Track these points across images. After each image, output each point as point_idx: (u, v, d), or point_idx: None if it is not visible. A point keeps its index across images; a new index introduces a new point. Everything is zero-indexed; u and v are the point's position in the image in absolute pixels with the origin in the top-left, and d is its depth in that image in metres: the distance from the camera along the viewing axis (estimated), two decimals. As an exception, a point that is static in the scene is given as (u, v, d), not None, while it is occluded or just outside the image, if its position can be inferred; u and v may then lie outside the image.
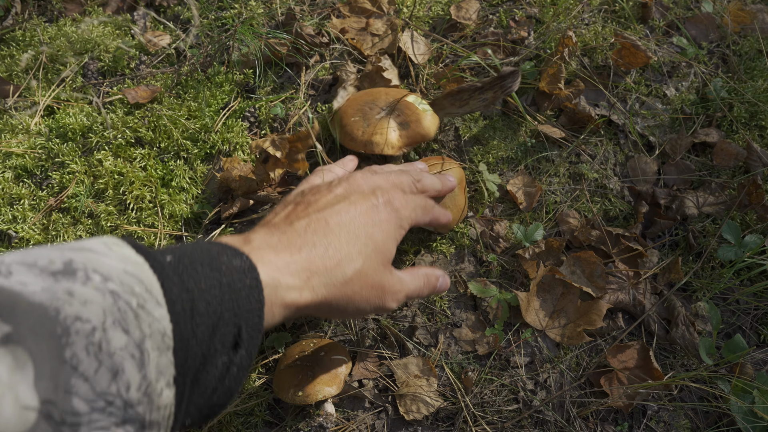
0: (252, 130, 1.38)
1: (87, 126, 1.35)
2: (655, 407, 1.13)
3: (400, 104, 1.28)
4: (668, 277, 1.24)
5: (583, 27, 1.52)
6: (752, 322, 1.21)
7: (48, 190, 1.30)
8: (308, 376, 1.07)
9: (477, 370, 1.16)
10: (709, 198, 1.31)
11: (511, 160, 1.36)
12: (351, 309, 0.84)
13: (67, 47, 1.48)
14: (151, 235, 1.25)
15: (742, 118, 1.40)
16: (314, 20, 1.52)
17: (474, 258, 1.27)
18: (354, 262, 0.82)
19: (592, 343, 1.19)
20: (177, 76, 1.43)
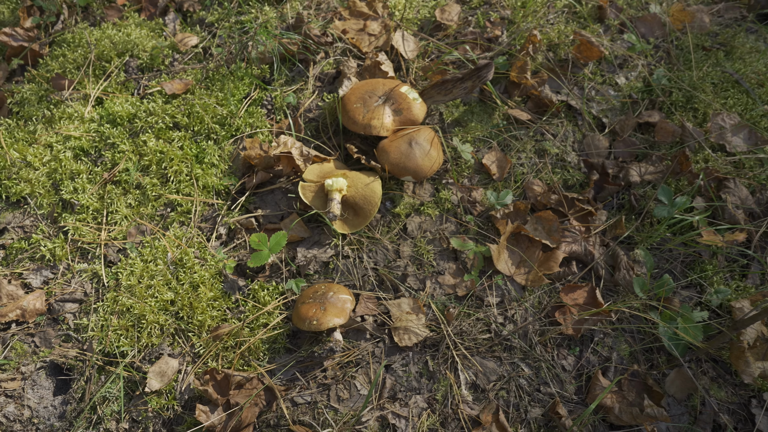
0: (269, 116, 1.65)
1: (132, 113, 1.62)
2: (600, 333, 1.41)
3: (394, 93, 1.55)
4: (614, 232, 1.51)
5: (548, 26, 1.79)
6: (681, 266, 1.49)
7: (102, 166, 1.57)
8: (321, 309, 1.34)
9: (457, 307, 1.43)
10: (649, 168, 1.58)
11: (486, 138, 1.63)
12: None
13: (110, 47, 1.75)
14: (188, 202, 1.52)
15: (679, 102, 1.67)
16: (320, 23, 1.79)
17: (455, 219, 1.54)
18: None
19: (551, 286, 1.46)
20: (205, 71, 1.70)
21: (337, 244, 1.49)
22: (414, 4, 1.85)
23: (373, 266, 1.49)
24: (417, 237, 1.51)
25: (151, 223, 1.51)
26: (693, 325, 1.35)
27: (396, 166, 1.49)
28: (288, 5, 1.83)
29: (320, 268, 1.49)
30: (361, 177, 1.46)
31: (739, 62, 1.75)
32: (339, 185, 1.39)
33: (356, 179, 1.45)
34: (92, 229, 1.50)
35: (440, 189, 1.57)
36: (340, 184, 1.39)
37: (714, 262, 1.47)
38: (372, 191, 1.44)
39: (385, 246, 1.51)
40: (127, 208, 1.53)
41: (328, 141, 1.61)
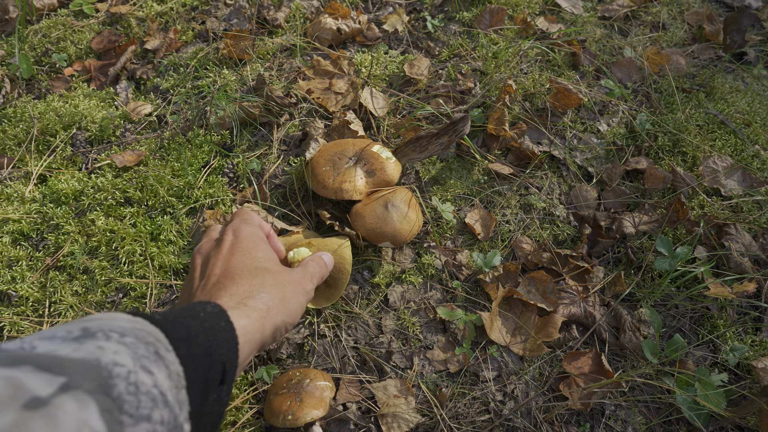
0: (231, 184, 1.52)
1: (79, 190, 1.47)
2: (611, 406, 1.26)
3: (365, 153, 1.43)
4: (614, 290, 1.39)
5: (522, 76, 1.71)
6: (690, 323, 1.36)
7: (44, 250, 1.41)
8: (296, 401, 1.18)
9: (450, 386, 1.27)
10: (643, 217, 1.48)
11: (467, 196, 1.52)
12: (290, 309, 0.92)
13: (56, 120, 1.61)
14: (143, 285, 1.36)
15: (666, 147, 1.59)
16: (282, 84, 1.69)
17: (440, 285, 1.40)
18: (261, 279, 0.91)
19: (552, 354, 1.32)
20: (160, 140, 1.57)
21: (312, 322, 1.34)
22: (381, 60, 1.77)
23: (354, 345, 1.33)
24: (400, 308, 1.37)
25: (101, 312, 1.34)
26: (713, 391, 1.21)
27: (372, 232, 1.36)
28: (248, 67, 1.73)
29: (294, 351, 1.32)
30: (327, 243, 1.31)
31: (722, 103, 1.69)
32: (301, 256, 1.24)
33: (322, 246, 1.31)
34: (32, 323, 1.32)
35: (422, 253, 1.43)
36: (302, 254, 1.24)
37: (724, 316, 1.35)
38: (341, 257, 1.30)
39: (365, 321, 1.36)
40: (73, 296, 1.36)
41: (297, 208, 1.48)
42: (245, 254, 0.94)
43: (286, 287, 0.93)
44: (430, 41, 1.86)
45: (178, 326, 0.68)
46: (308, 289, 1.00)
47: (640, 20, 1.96)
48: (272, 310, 0.87)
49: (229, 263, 0.92)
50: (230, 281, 0.88)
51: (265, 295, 0.87)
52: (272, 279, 0.91)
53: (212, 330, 0.73)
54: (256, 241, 0.98)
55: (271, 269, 0.94)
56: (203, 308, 0.76)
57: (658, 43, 1.85)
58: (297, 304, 0.94)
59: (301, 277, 1.00)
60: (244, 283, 0.88)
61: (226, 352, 0.73)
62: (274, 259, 0.98)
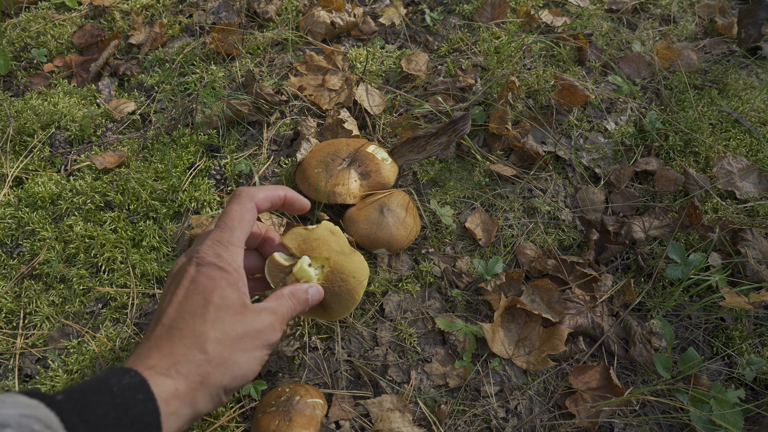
0: (219, 187, 1.43)
1: (56, 193, 1.39)
2: (621, 424, 1.18)
3: (360, 154, 1.35)
4: (623, 299, 1.31)
5: (525, 71, 1.63)
6: (704, 335, 1.28)
7: (19, 258, 1.32)
8: (285, 420, 1.10)
9: (449, 402, 1.20)
10: (654, 222, 1.40)
11: (467, 199, 1.43)
12: (242, 369, 0.83)
13: (34, 119, 1.53)
14: (124, 294, 1.28)
15: (677, 146, 1.51)
16: (273, 80, 1.60)
17: (439, 294, 1.32)
18: (204, 333, 0.80)
19: (558, 367, 1.24)
20: (143, 140, 1.48)
21: (303, 334, 1.26)
22: (377, 55, 1.68)
23: (347, 358, 1.25)
24: (397, 319, 1.29)
25: (79, 324, 1.26)
26: (730, 410, 1.13)
27: (367, 238, 1.28)
28: (237, 63, 1.65)
29: (284, 364, 1.25)
30: (346, 265, 1.10)
31: (736, 100, 1.61)
32: (304, 276, 1.08)
33: (340, 267, 1.12)
34: (5, 335, 1.24)
35: (420, 260, 1.35)
36: (306, 275, 1.08)
37: (740, 327, 1.27)
38: (350, 289, 1.09)
39: (359, 332, 1.28)
40: (50, 306, 1.28)
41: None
42: (198, 299, 0.82)
43: (237, 344, 0.82)
44: (428, 35, 1.77)
45: (81, 405, 0.64)
46: (271, 341, 0.87)
47: (649, 13, 1.88)
48: (211, 376, 0.77)
49: (179, 310, 0.82)
50: (168, 337, 0.79)
51: (202, 359, 0.77)
52: (220, 334, 0.80)
53: (125, 405, 0.67)
54: (216, 281, 0.85)
55: (225, 318, 0.82)
56: (119, 380, 0.70)
57: (668, 37, 1.76)
58: (249, 363, 0.83)
59: (265, 327, 0.87)
60: (184, 342, 0.78)
61: (144, 428, 0.68)
62: (233, 304, 0.84)
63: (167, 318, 0.82)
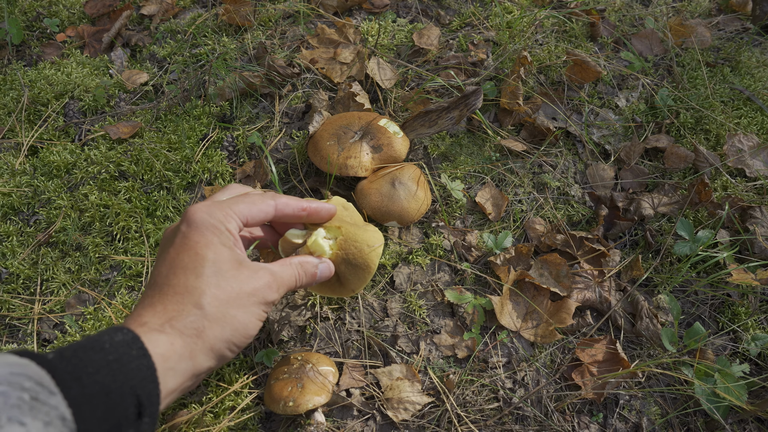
0: (231, 158, 1.45)
1: (71, 162, 1.40)
2: (626, 396, 1.21)
3: (372, 127, 1.36)
4: (630, 274, 1.32)
5: (537, 47, 1.62)
6: (710, 310, 1.30)
7: (35, 225, 1.34)
8: (297, 387, 1.12)
9: (458, 372, 1.22)
10: (663, 198, 1.40)
11: (478, 173, 1.44)
12: (239, 325, 0.81)
13: (47, 89, 1.54)
14: (138, 263, 1.30)
15: (688, 124, 1.51)
16: (285, 52, 1.60)
17: (449, 267, 1.34)
18: (198, 289, 0.79)
19: (564, 340, 1.26)
20: (156, 111, 1.49)
21: (315, 304, 1.28)
22: (389, 28, 1.68)
23: (358, 328, 1.27)
24: (406, 291, 1.31)
25: (95, 291, 1.28)
26: (734, 383, 1.15)
27: (378, 211, 1.29)
28: (249, 35, 1.65)
29: (296, 333, 1.27)
30: (359, 236, 1.09)
31: (748, 78, 1.60)
32: (318, 249, 1.09)
33: (352, 238, 1.09)
34: (23, 301, 1.27)
35: (430, 233, 1.37)
36: (319, 247, 1.08)
37: (746, 303, 1.29)
38: (365, 261, 1.08)
39: (370, 303, 1.30)
40: (66, 273, 1.30)
41: (299, 184, 1.41)
42: (191, 255, 0.80)
43: (234, 301, 0.80)
44: (440, 9, 1.77)
45: (73, 364, 0.63)
46: (269, 299, 0.85)
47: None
48: (207, 331, 0.77)
49: (171, 267, 0.80)
50: (161, 295, 0.78)
51: (198, 314, 0.76)
52: (214, 290, 0.79)
53: (118, 362, 0.66)
54: (208, 237, 0.82)
55: (219, 274, 0.80)
56: (111, 337, 0.69)
57: (682, 13, 1.75)
58: (248, 320, 0.81)
59: (262, 286, 0.84)
60: (177, 298, 0.77)
61: (140, 383, 0.67)
62: (228, 261, 0.82)
63: (160, 277, 0.80)
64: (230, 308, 0.79)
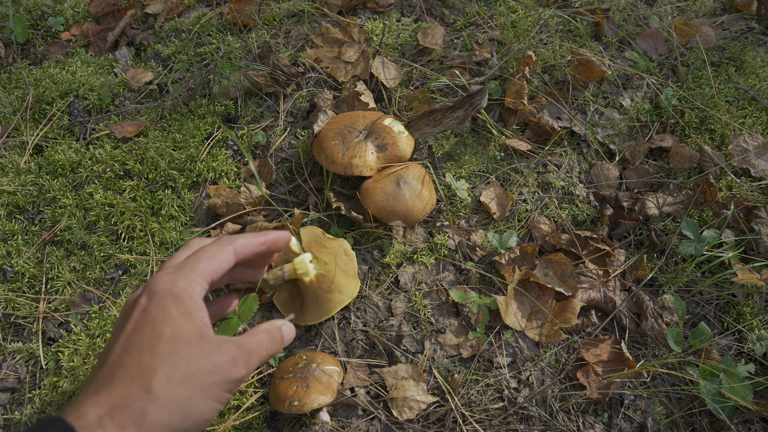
0: (236, 157, 1.45)
1: (76, 161, 1.41)
2: (631, 396, 1.21)
3: (377, 127, 1.36)
4: (635, 274, 1.32)
5: (541, 46, 1.62)
6: (715, 310, 1.30)
7: (41, 224, 1.35)
8: (302, 386, 1.13)
9: (462, 372, 1.22)
10: (668, 198, 1.40)
11: (482, 173, 1.44)
12: (195, 409, 0.73)
13: (52, 88, 1.54)
14: (143, 262, 1.30)
15: (693, 123, 1.51)
16: (289, 51, 1.60)
17: (453, 267, 1.34)
18: (149, 370, 0.71)
19: (569, 340, 1.26)
20: (161, 110, 1.49)
21: (319, 304, 1.28)
22: (393, 28, 1.67)
23: (362, 328, 1.27)
24: (411, 290, 1.31)
25: (100, 290, 1.29)
26: (739, 383, 1.15)
27: (383, 210, 1.29)
28: (253, 34, 1.65)
29: (300, 333, 1.27)
30: (338, 280, 1.22)
31: (753, 77, 1.60)
32: (304, 269, 1.20)
33: (330, 278, 1.21)
34: (29, 299, 1.27)
35: (434, 233, 1.37)
36: (305, 267, 1.19)
37: (751, 303, 1.29)
38: (330, 305, 1.21)
39: (374, 303, 1.30)
40: (71, 272, 1.30)
41: (303, 183, 1.41)
42: (148, 332, 0.73)
43: (189, 381, 0.71)
44: (444, 8, 1.76)
45: None
46: (234, 377, 0.76)
47: (667, -11, 1.86)
48: (150, 416, 0.68)
49: (125, 346, 0.73)
50: (110, 378, 0.71)
51: (144, 398, 0.69)
52: (167, 370, 0.71)
53: None
54: (168, 310, 0.75)
55: (175, 353, 0.72)
56: None
57: (686, 13, 1.75)
58: (203, 403, 0.73)
59: (225, 362, 0.75)
60: (126, 381, 0.70)
61: None
62: (187, 336, 0.74)
63: (112, 356, 0.73)
64: (183, 390, 0.71)
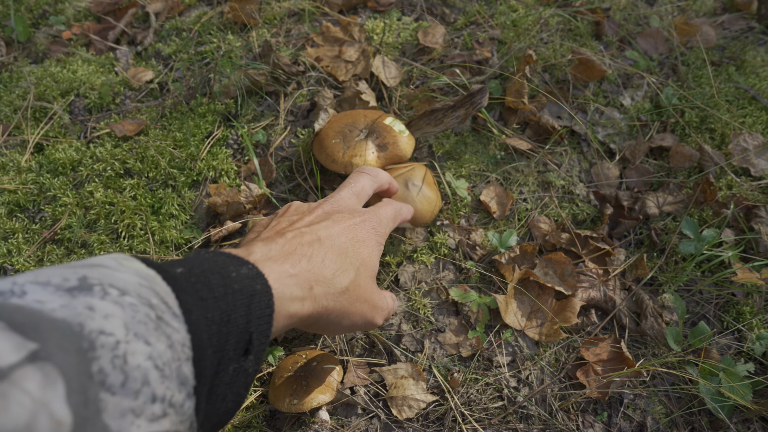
0: (236, 156, 1.45)
1: (77, 160, 1.41)
2: (630, 395, 1.21)
3: (377, 126, 1.36)
4: (635, 273, 1.32)
5: (542, 45, 1.62)
6: (715, 310, 1.30)
7: (41, 223, 1.35)
8: (302, 385, 1.13)
9: (462, 371, 1.22)
10: (668, 198, 1.40)
11: (482, 172, 1.44)
12: (345, 322, 0.88)
13: (53, 86, 1.54)
14: (143, 260, 1.30)
15: (693, 123, 1.51)
16: (290, 50, 1.60)
17: (453, 266, 1.34)
18: (348, 273, 0.85)
19: (569, 339, 1.27)
20: (161, 109, 1.50)
21: (319, 302, 1.28)
22: (394, 27, 1.68)
23: (362, 326, 1.27)
24: (411, 289, 1.31)
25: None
26: (739, 383, 1.15)
27: (384, 209, 1.29)
28: (254, 33, 1.65)
29: (299, 331, 1.27)
30: None
31: (753, 77, 1.60)
32: None
33: None
34: (29, 298, 1.27)
35: (434, 232, 1.37)
36: None
37: (751, 302, 1.29)
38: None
39: (374, 301, 1.30)
40: (71, 271, 1.30)
41: (303, 182, 1.41)
42: (354, 240, 0.92)
43: (359, 302, 0.90)
44: (445, 7, 1.76)
45: (199, 285, 0.59)
46: (376, 320, 0.97)
47: (668, -12, 1.86)
48: (326, 310, 0.82)
49: (337, 237, 0.88)
50: (320, 256, 0.83)
51: (331, 292, 0.83)
52: (355, 282, 0.88)
53: (242, 293, 0.64)
54: (370, 236, 0.95)
55: (363, 273, 0.91)
56: (238, 268, 0.67)
57: (687, 12, 1.75)
58: (347, 326, 0.91)
59: (383, 308, 0.98)
60: (322, 268, 0.82)
61: (256, 321, 0.65)
62: (373, 266, 0.95)
63: (301, 223, 0.92)
64: (352, 305, 0.90)
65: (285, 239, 0.83)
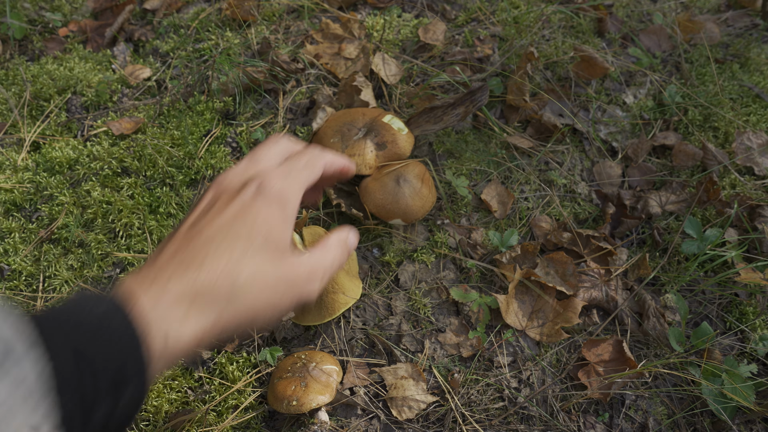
0: (234, 154, 1.43)
1: (73, 159, 1.39)
2: (632, 396, 1.20)
3: (376, 124, 1.35)
4: (637, 273, 1.31)
5: (543, 42, 1.61)
6: (717, 310, 1.29)
7: (38, 222, 1.34)
8: (301, 386, 1.12)
9: (463, 371, 1.21)
10: (671, 197, 1.39)
11: (483, 170, 1.43)
12: (263, 315, 0.71)
13: (50, 84, 1.53)
14: (141, 260, 1.29)
15: (696, 121, 1.49)
16: (289, 48, 1.59)
17: (454, 265, 1.33)
18: (240, 264, 0.69)
19: (570, 340, 1.25)
20: (159, 107, 1.48)
21: (319, 302, 1.27)
22: (394, 23, 1.66)
23: (362, 326, 1.26)
24: (411, 289, 1.30)
25: (97, 288, 1.28)
26: (742, 384, 1.14)
27: (382, 209, 1.28)
28: (252, 30, 1.63)
29: (299, 332, 1.26)
30: (341, 280, 1.20)
31: (757, 75, 1.58)
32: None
33: (334, 279, 1.19)
34: (26, 298, 1.26)
35: (435, 231, 1.36)
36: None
37: (754, 303, 1.27)
38: (334, 306, 1.19)
39: (374, 301, 1.29)
40: (68, 270, 1.29)
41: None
42: (251, 222, 0.71)
43: (271, 288, 0.71)
44: (446, 4, 1.75)
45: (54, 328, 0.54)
46: (305, 292, 0.74)
47: (671, -16, 1.84)
48: (228, 316, 0.66)
49: (219, 231, 0.70)
50: (198, 263, 0.66)
51: (229, 296, 0.66)
52: (257, 270, 0.69)
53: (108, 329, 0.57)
54: (273, 210, 0.72)
55: (267, 256, 0.71)
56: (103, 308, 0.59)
57: (690, 9, 1.73)
58: (272, 313, 0.72)
59: (304, 276, 0.74)
60: (215, 270, 0.66)
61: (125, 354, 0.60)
62: (281, 242, 0.72)
63: (200, 238, 0.70)
64: (262, 293, 0.71)
65: (161, 256, 0.74)
